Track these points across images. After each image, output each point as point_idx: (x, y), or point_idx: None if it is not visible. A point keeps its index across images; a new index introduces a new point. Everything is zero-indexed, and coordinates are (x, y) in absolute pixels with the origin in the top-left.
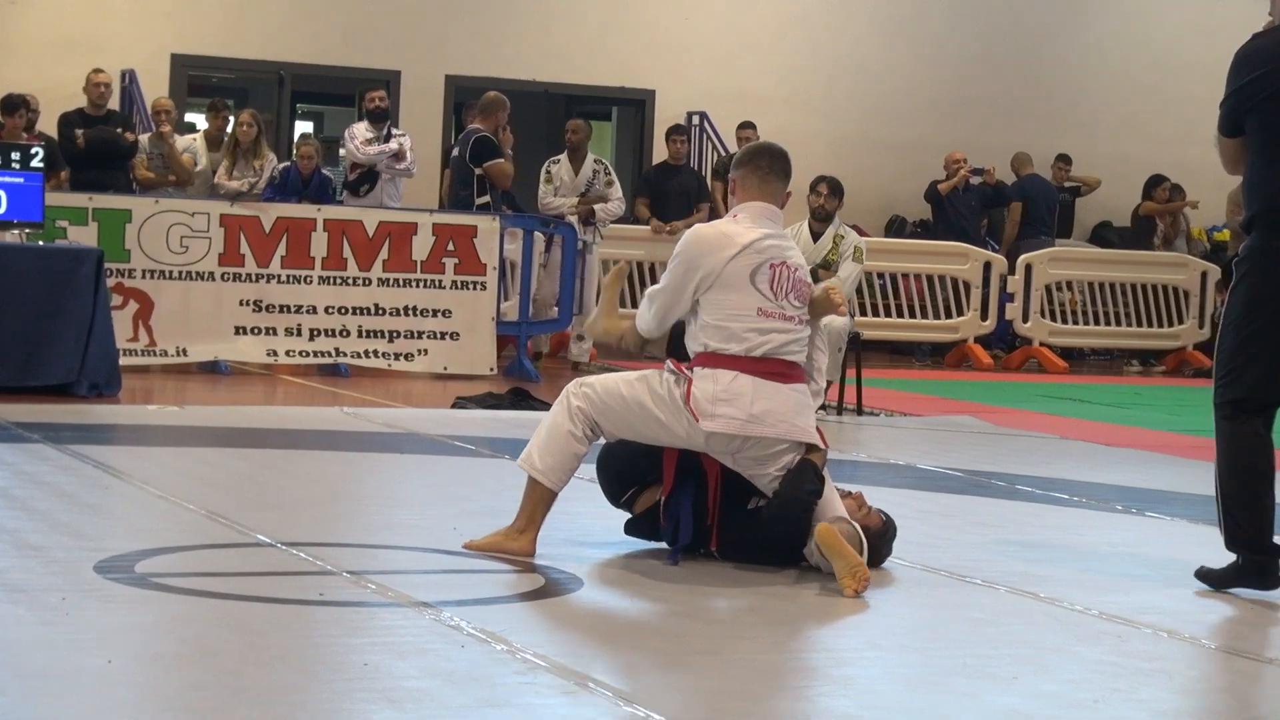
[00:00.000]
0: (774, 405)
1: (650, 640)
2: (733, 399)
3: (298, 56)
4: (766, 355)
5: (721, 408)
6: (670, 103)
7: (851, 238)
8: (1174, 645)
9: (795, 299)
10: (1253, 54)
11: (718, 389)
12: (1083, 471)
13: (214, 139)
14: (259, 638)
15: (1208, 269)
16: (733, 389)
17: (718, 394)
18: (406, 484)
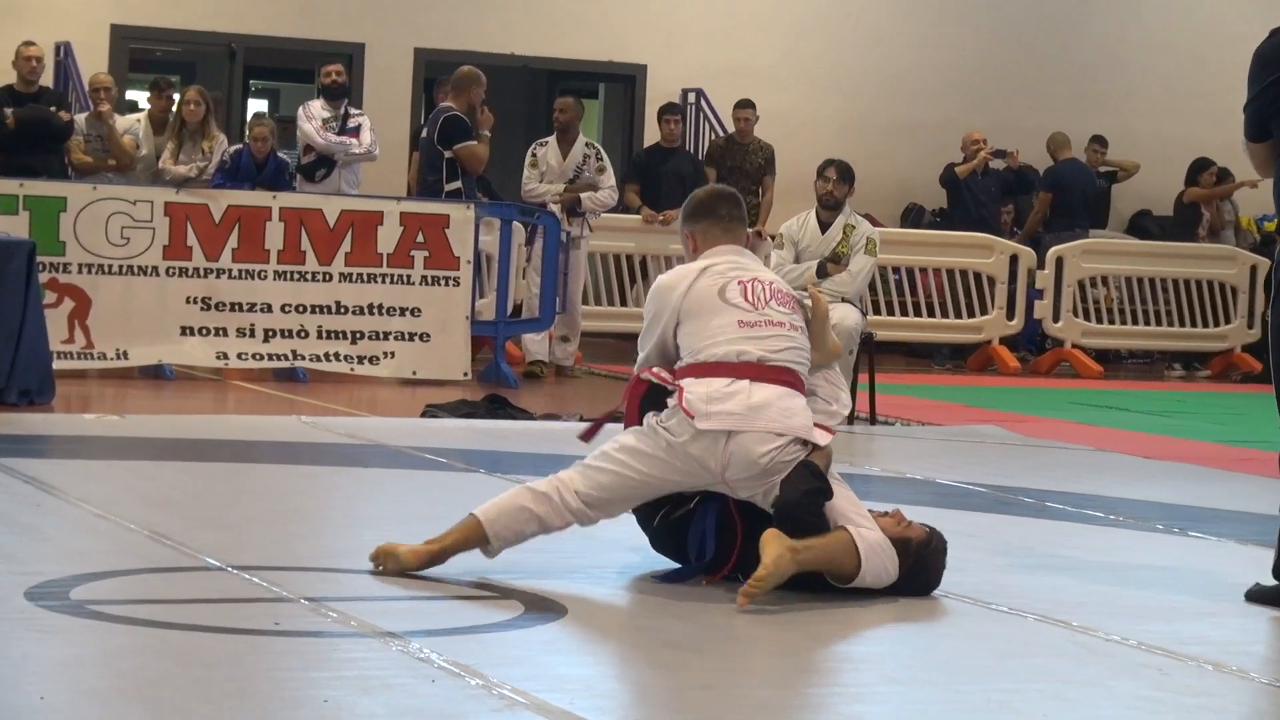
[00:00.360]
0: (771, 400)
1: (639, 673)
2: (728, 397)
3: (250, 28)
4: (761, 361)
5: (716, 405)
6: (663, 79)
7: (864, 228)
8: (1220, 679)
9: (780, 305)
10: (1272, 52)
11: (711, 390)
12: (1120, 487)
13: (158, 120)
14: (208, 671)
15: (1258, 262)
16: (728, 390)
17: (712, 394)
18: (371, 501)
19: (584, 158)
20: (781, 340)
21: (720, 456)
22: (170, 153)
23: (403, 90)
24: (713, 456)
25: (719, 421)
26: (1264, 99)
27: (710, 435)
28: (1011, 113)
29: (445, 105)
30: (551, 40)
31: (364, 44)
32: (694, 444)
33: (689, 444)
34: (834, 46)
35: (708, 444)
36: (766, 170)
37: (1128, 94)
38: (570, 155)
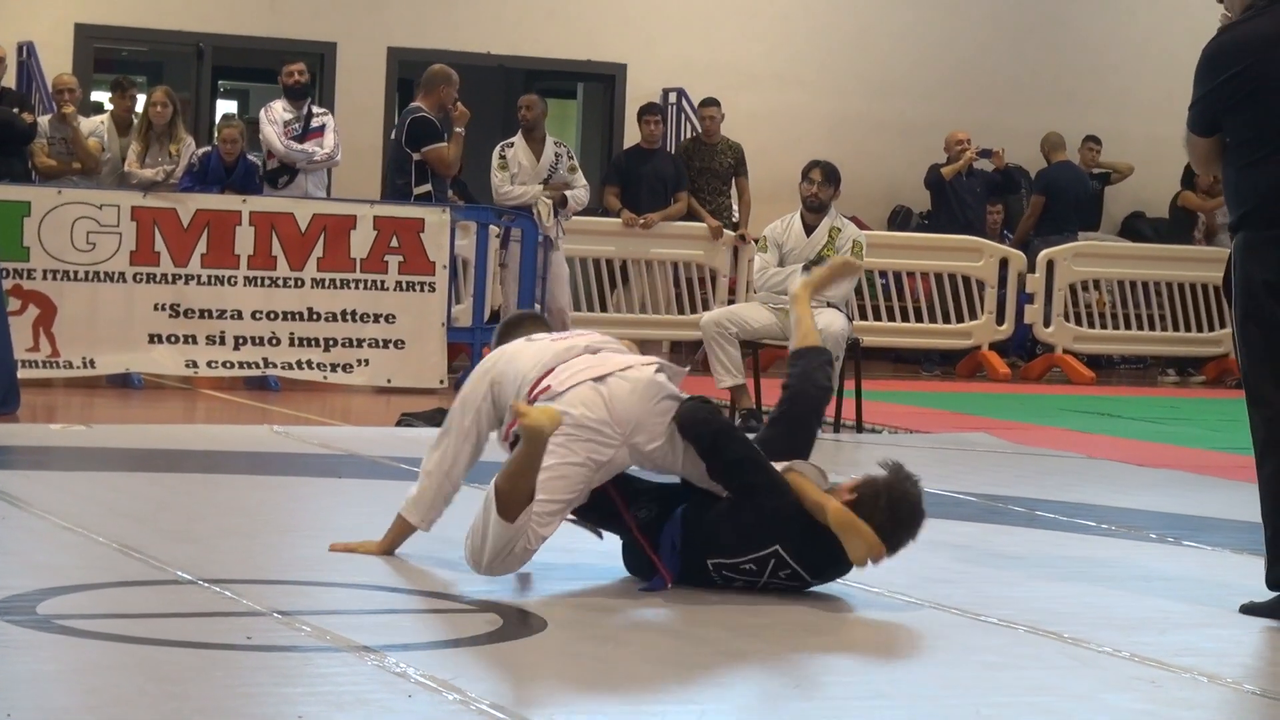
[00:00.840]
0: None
1: (621, 688)
2: (577, 370)
3: (219, 27)
4: (588, 349)
5: (569, 375)
6: (643, 79)
7: (849, 231)
8: (1214, 691)
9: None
10: (1221, 51)
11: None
12: (1112, 495)
13: (121, 121)
14: (178, 687)
15: None
16: (572, 364)
17: (563, 379)
18: (345, 512)
19: (556, 156)
20: (592, 338)
21: (604, 406)
22: (136, 155)
23: (375, 90)
24: (596, 397)
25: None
26: (1214, 97)
27: (577, 388)
28: (1002, 112)
29: (414, 105)
30: (528, 39)
31: (335, 43)
32: (570, 402)
33: (570, 406)
34: (819, 44)
35: (585, 391)
36: (738, 170)
37: (1121, 94)
38: (543, 155)
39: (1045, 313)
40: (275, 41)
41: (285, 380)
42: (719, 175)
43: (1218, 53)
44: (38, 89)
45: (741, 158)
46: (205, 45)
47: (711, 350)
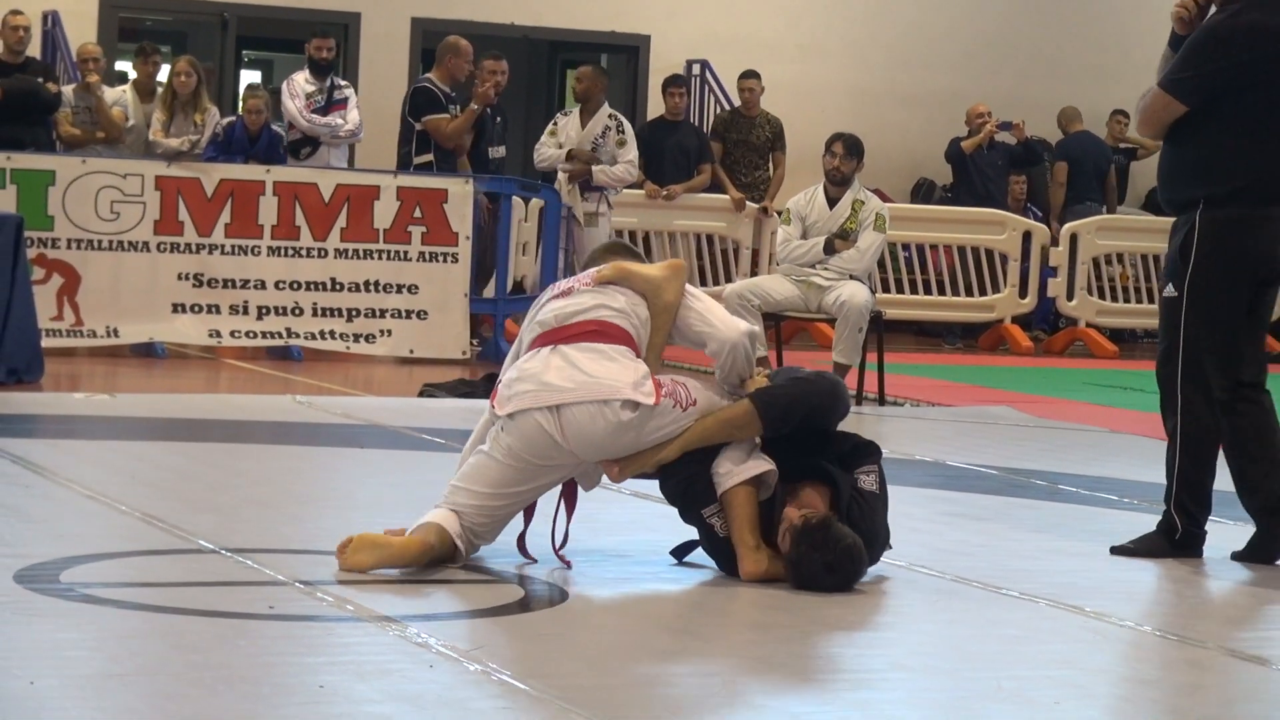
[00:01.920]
0: (574, 370)
1: (643, 659)
2: (527, 375)
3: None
4: (559, 323)
5: (517, 386)
6: (667, 50)
7: (873, 204)
8: (1234, 665)
9: (564, 284)
10: (1235, 35)
11: (514, 374)
12: (1135, 470)
13: (144, 89)
14: (200, 656)
15: None
16: (528, 367)
17: (513, 378)
18: (367, 482)
19: (604, 130)
20: (572, 300)
21: (554, 433)
22: (161, 125)
23: (399, 61)
24: (543, 436)
25: (519, 402)
26: (1223, 76)
27: (525, 416)
28: (1026, 85)
29: (423, 76)
30: (553, 10)
31: (359, 14)
32: (514, 433)
33: (513, 437)
34: (843, 14)
35: (530, 427)
36: (776, 145)
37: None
38: (590, 126)
39: (1068, 286)
40: (299, 12)
41: (308, 350)
42: (756, 149)
43: (1232, 36)
44: (62, 58)
45: (780, 132)
46: (230, 15)
47: None
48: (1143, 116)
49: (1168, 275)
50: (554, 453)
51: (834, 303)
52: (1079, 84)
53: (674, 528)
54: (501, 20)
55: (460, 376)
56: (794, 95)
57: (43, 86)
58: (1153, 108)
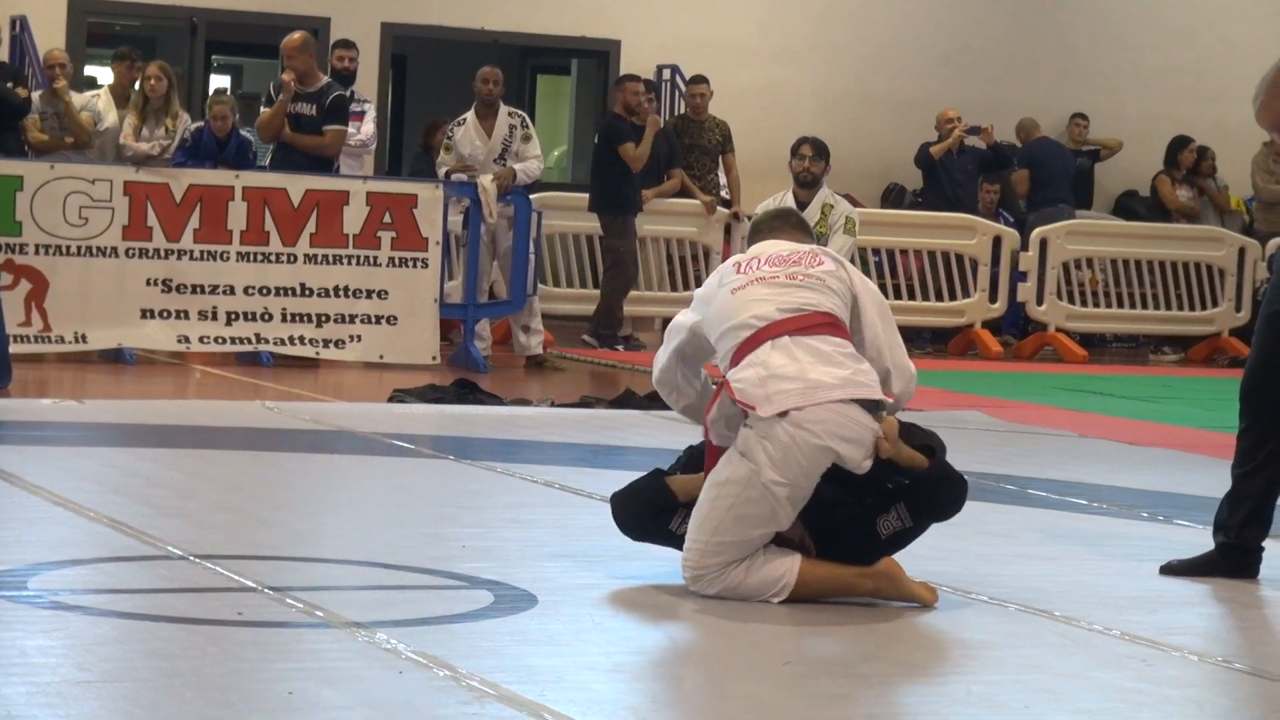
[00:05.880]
0: (824, 365)
1: (613, 665)
2: (779, 371)
3: (213, 2)
4: (782, 316)
5: (774, 384)
6: (637, 55)
7: (842, 207)
8: (1205, 670)
9: (769, 265)
10: None
11: (759, 370)
12: (1104, 474)
13: (121, 94)
14: (169, 663)
15: (1246, 244)
16: (773, 361)
17: (762, 375)
18: (336, 488)
19: (510, 129)
20: (780, 287)
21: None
22: (133, 129)
23: (369, 67)
24: (812, 447)
25: (784, 400)
26: None
27: (790, 423)
28: (997, 89)
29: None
30: (523, 15)
31: (329, 18)
32: (779, 453)
33: (777, 445)
34: (813, 19)
35: (802, 437)
36: (725, 148)
37: (1116, 70)
38: (496, 130)
39: (1038, 291)
40: (269, 16)
41: (277, 356)
42: (708, 152)
43: None
44: (30, 63)
45: (728, 134)
46: (199, 20)
47: None
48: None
49: None
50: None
51: None
52: (1047, 88)
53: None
54: (472, 25)
55: (430, 382)
56: (764, 101)
57: (11, 91)
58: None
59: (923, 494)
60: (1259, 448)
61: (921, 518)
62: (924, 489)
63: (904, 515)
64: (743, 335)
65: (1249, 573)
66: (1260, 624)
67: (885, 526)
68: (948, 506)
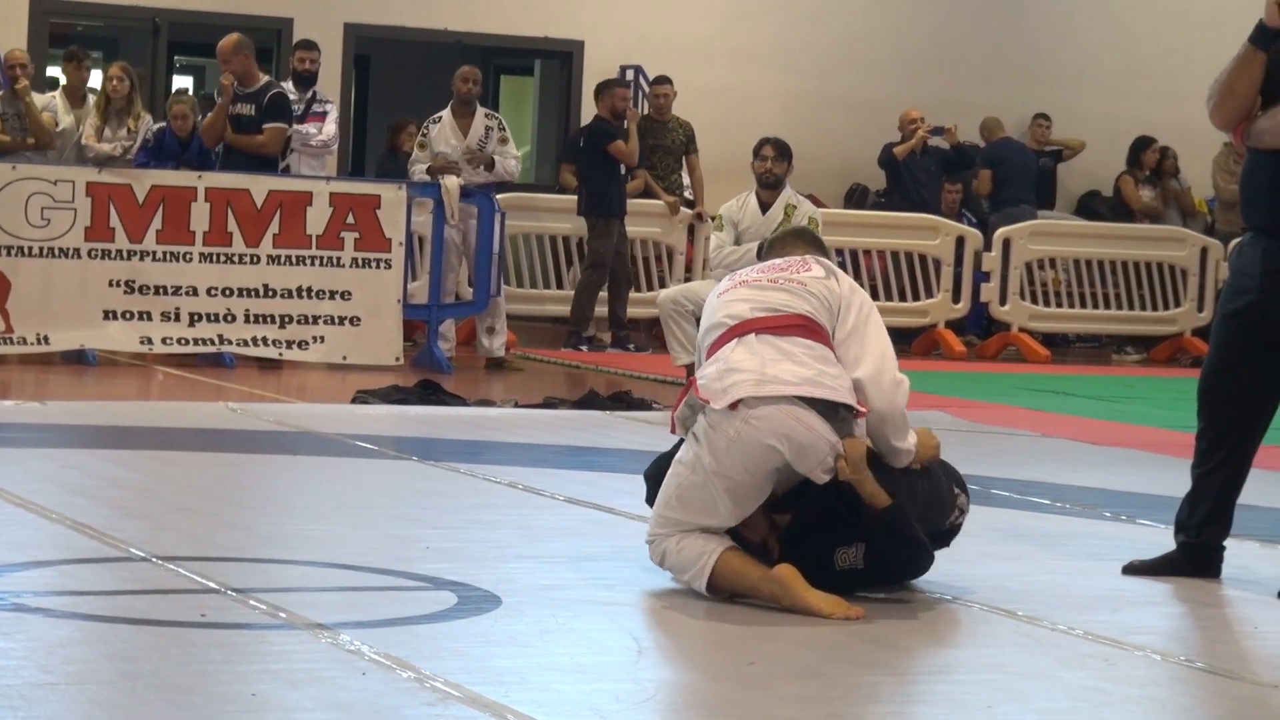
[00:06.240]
0: (786, 363)
1: (576, 666)
2: (738, 365)
3: (175, 2)
4: (754, 315)
5: (730, 377)
6: (601, 55)
7: (805, 208)
8: (1167, 669)
9: (756, 272)
10: None
11: (720, 365)
12: (1067, 473)
13: (74, 94)
14: (132, 665)
15: (1208, 245)
16: (734, 357)
17: (721, 369)
18: (300, 490)
19: (486, 130)
20: (764, 290)
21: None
22: (95, 130)
23: (332, 67)
24: (758, 446)
25: (738, 390)
26: None
27: (738, 418)
28: (959, 89)
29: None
30: (486, 16)
31: (291, 19)
32: (724, 443)
33: (723, 437)
34: (776, 20)
35: (747, 433)
36: (689, 148)
37: (1078, 71)
38: (473, 129)
39: (1001, 291)
40: (231, 17)
41: (240, 357)
42: (671, 153)
43: None
44: None
45: (692, 135)
46: (161, 20)
47: (668, 327)
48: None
49: None
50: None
51: None
52: (1009, 88)
53: (604, 532)
54: (435, 26)
55: (393, 383)
56: (727, 101)
57: None
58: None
59: (877, 542)
60: (1217, 447)
61: (873, 566)
62: (881, 537)
63: (859, 557)
64: (715, 334)
65: (1211, 572)
66: (1221, 623)
67: (842, 559)
68: (901, 567)
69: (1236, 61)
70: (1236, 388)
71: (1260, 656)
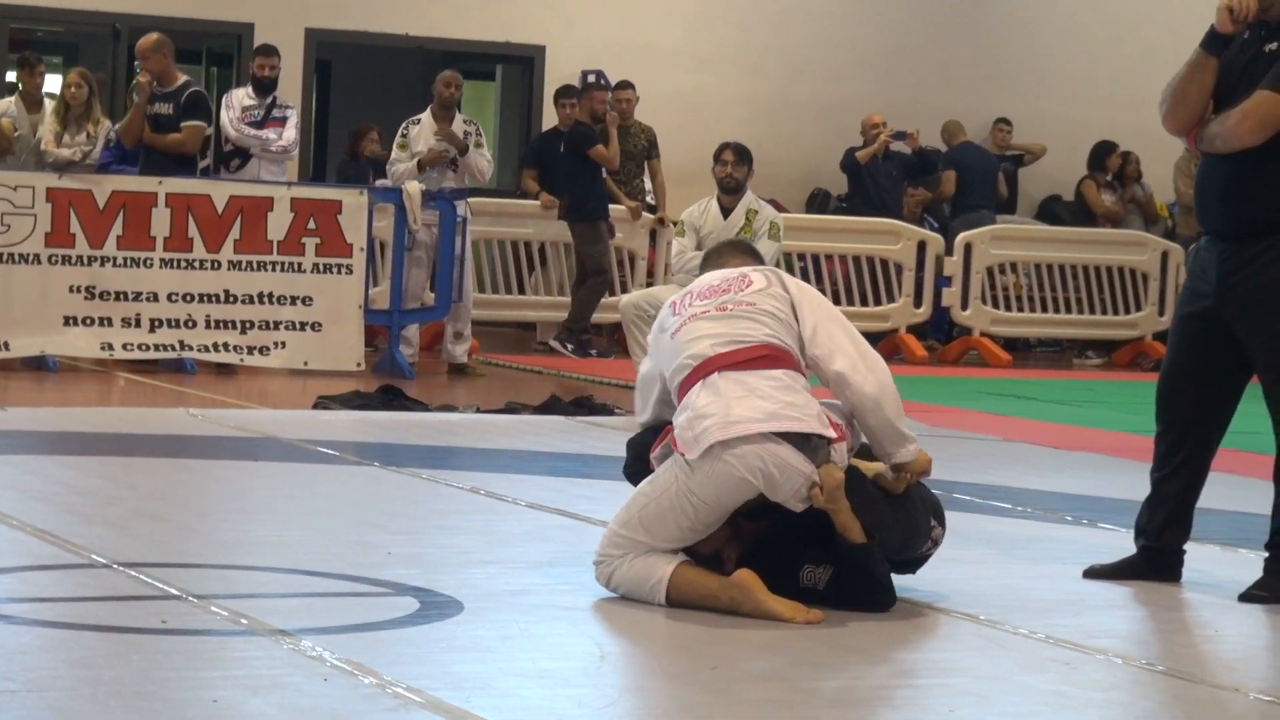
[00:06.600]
0: (752, 399)
1: (539, 671)
2: (704, 411)
3: (135, 7)
4: (715, 352)
5: (699, 425)
6: (562, 60)
7: (766, 212)
8: (1128, 672)
9: (700, 300)
10: None
11: (689, 414)
12: (1028, 478)
13: (30, 99)
14: (93, 671)
15: (1169, 249)
16: (699, 403)
17: (690, 418)
18: (261, 495)
19: (464, 135)
20: (713, 320)
21: (747, 474)
22: (54, 136)
23: (293, 72)
24: (733, 479)
25: (710, 436)
26: None
27: (712, 458)
28: (921, 94)
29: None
30: (447, 20)
31: (252, 24)
32: (702, 477)
33: (701, 483)
34: (738, 25)
35: (721, 469)
36: (651, 153)
37: (1040, 76)
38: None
39: (963, 296)
40: (192, 22)
41: (201, 363)
42: (633, 158)
43: None
44: None
45: (654, 140)
46: (121, 25)
47: (630, 332)
48: (1254, 122)
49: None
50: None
51: None
52: (971, 93)
53: (567, 538)
54: (396, 31)
55: (355, 389)
56: (688, 105)
57: None
58: (1271, 113)
59: (843, 574)
60: (1175, 451)
61: (832, 593)
62: (848, 570)
63: (822, 579)
64: (681, 377)
65: (1171, 575)
66: (1182, 627)
67: (807, 577)
68: (859, 603)
69: (1188, 67)
70: (1194, 391)
71: (1220, 660)
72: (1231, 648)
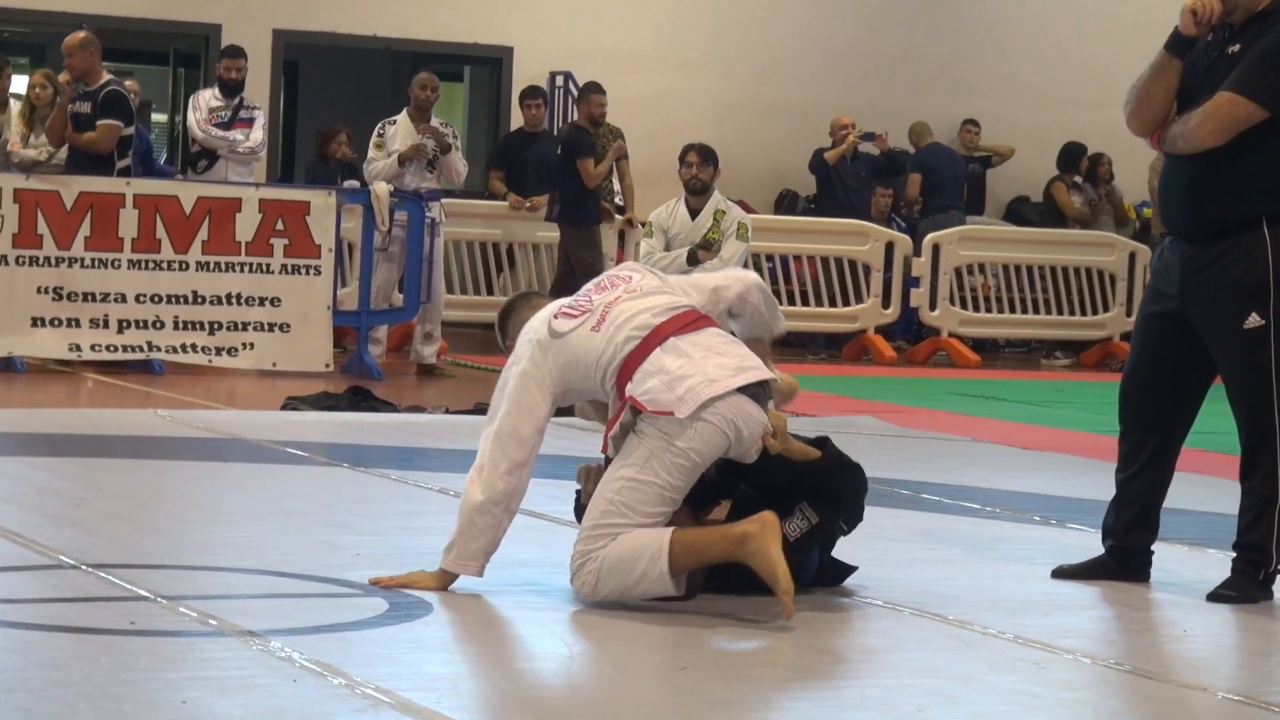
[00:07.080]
0: (715, 357)
1: (509, 671)
2: (680, 373)
3: (103, 8)
4: (659, 320)
5: (680, 386)
6: (530, 61)
7: (734, 213)
8: (1097, 672)
9: (600, 292)
10: None
11: (662, 377)
12: (997, 478)
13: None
14: (61, 673)
15: (1137, 250)
16: (670, 365)
17: (666, 380)
18: (230, 496)
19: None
20: (647, 299)
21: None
22: (20, 136)
23: (261, 73)
24: (715, 435)
25: (707, 389)
26: None
27: (696, 416)
28: (889, 96)
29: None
30: (415, 21)
31: (220, 25)
32: (691, 434)
33: (691, 439)
34: (706, 26)
35: (703, 426)
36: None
37: (1007, 78)
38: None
39: (931, 296)
40: (160, 23)
41: (169, 364)
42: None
43: None
44: None
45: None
46: (89, 26)
47: None
48: (1215, 124)
49: (1244, 303)
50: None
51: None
52: (938, 95)
53: (536, 538)
54: (364, 32)
55: (323, 389)
56: (657, 106)
57: None
58: (1231, 114)
59: (820, 486)
60: (1138, 451)
61: (824, 511)
62: (821, 480)
63: (808, 513)
64: (627, 350)
65: (1139, 575)
66: (1150, 626)
67: (792, 529)
68: (848, 496)
69: (1152, 69)
70: (1156, 391)
71: (1188, 659)
72: (1199, 647)
